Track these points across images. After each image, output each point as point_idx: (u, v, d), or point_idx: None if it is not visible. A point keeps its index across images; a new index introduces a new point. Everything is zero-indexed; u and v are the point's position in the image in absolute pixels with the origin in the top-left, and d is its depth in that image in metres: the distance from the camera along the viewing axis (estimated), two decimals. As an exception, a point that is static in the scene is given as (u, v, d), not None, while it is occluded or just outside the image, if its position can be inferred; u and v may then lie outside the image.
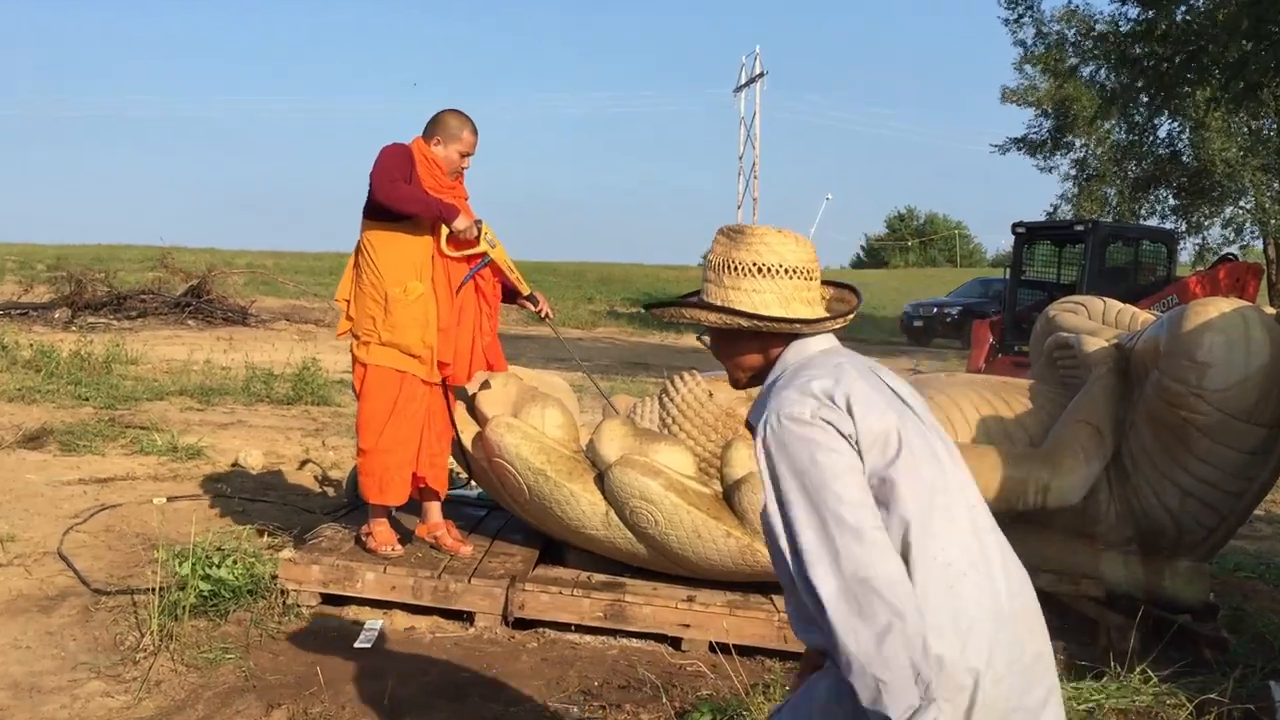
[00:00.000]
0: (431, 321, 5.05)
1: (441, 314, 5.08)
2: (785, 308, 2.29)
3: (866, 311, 35.33)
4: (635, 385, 14.68)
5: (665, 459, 4.83)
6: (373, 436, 5.05)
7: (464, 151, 5.17)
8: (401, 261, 5.04)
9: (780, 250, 2.30)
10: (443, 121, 5.15)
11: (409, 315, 5.02)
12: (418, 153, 5.09)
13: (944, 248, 70.05)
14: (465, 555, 5.20)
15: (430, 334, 5.05)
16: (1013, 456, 4.96)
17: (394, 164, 4.95)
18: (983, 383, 5.65)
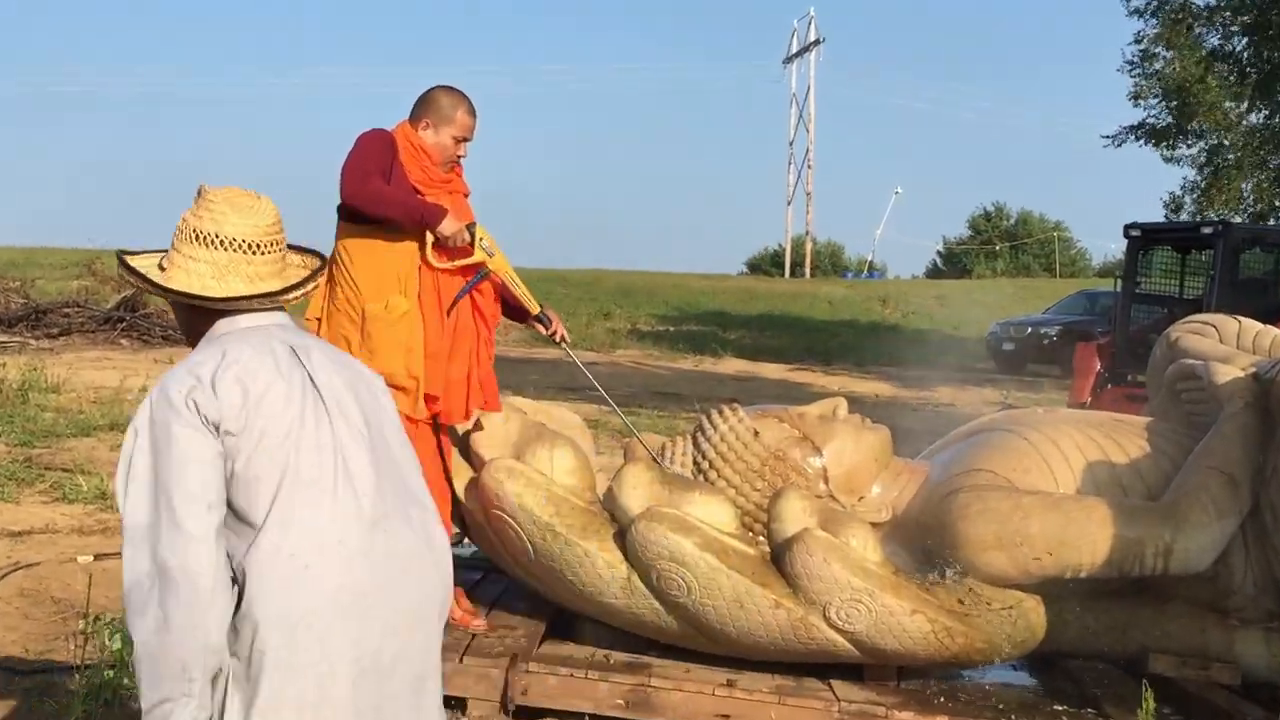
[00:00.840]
0: (417, 346, 5.06)
1: (430, 337, 5.09)
2: (220, 281, 2.60)
3: (945, 330, 35.30)
4: (663, 421, 14.68)
5: (700, 512, 4.83)
6: None
7: (459, 136, 5.19)
8: (382, 272, 5.06)
9: (221, 219, 2.60)
10: (432, 101, 5.17)
11: (390, 337, 5.03)
12: (402, 140, 5.10)
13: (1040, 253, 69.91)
14: (479, 630, 5.20)
15: (415, 361, 5.06)
16: (1126, 511, 4.94)
17: (370, 155, 4.96)
18: (1088, 420, 5.63)
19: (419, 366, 5.06)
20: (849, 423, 5.49)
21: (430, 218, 5.01)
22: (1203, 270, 15.83)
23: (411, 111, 5.21)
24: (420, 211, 4.99)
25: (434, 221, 5.02)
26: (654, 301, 39.38)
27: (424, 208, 5.00)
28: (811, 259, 63.82)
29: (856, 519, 4.99)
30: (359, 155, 4.95)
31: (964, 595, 4.85)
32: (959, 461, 5.39)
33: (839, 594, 4.65)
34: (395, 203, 4.94)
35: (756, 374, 25.04)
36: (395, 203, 4.94)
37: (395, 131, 5.14)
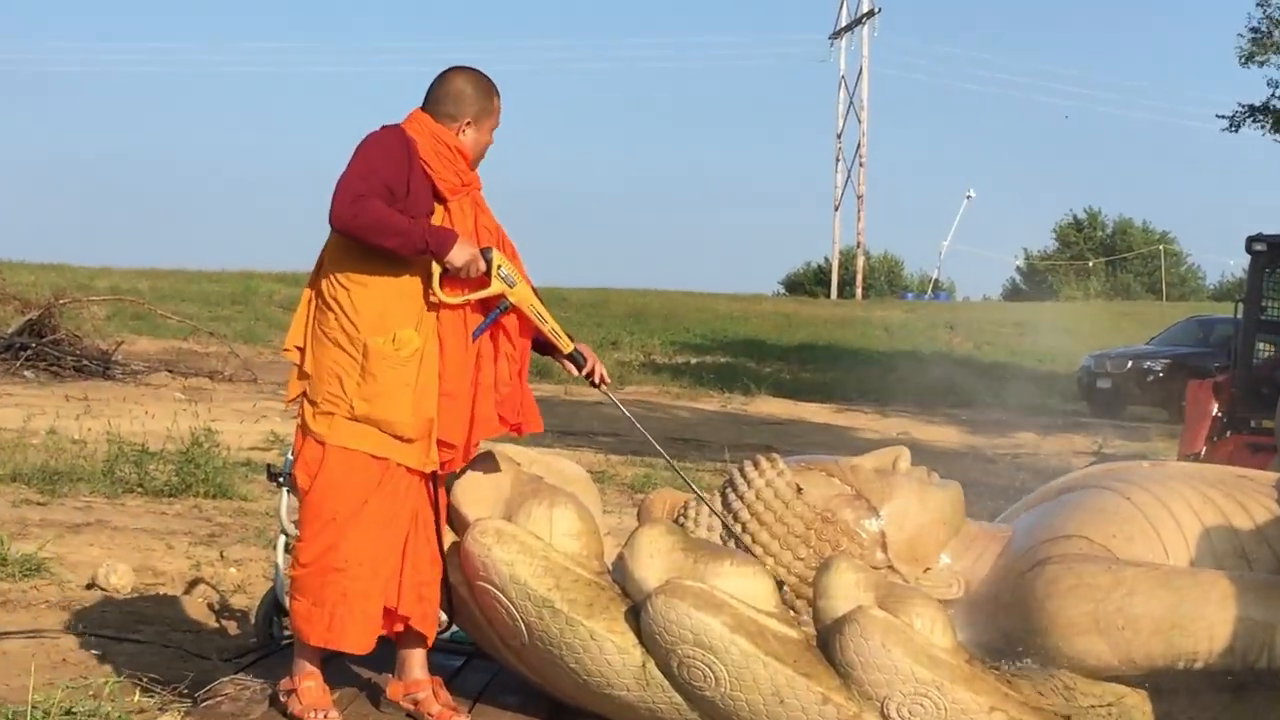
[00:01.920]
0: (430, 388, 5.04)
1: (449, 374, 5.08)
2: None
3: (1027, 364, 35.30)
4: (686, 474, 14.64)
5: (731, 585, 4.82)
6: (324, 548, 5.03)
7: (496, 125, 5.28)
8: (391, 299, 5.05)
9: None
10: (466, 93, 5.20)
11: (397, 378, 5.01)
12: (429, 140, 5.10)
13: (1143, 271, 69.93)
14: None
15: (428, 406, 5.04)
16: (1251, 587, 4.92)
17: (373, 168, 4.95)
18: (1204, 476, 5.62)
19: (431, 410, 5.04)
20: (912, 477, 5.48)
21: (438, 245, 4.97)
22: (1344, 294, 15.81)
23: (430, 103, 5.18)
24: (424, 239, 4.95)
25: (443, 249, 4.98)
26: (672, 327, 39.45)
27: (429, 233, 4.97)
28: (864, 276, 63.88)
29: (921, 595, 4.98)
30: (358, 168, 4.95)
31: (1053, 689, 4.84)
32: (1046, 526, 5.38)
33: (900, 687, 4.63)
34: (394, 229, 4.91)
35: (797, 417, 25.04)
36: (394, 229, 4.91)
37: (412, 129, 5.14)
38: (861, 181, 63.44)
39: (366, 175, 4.93)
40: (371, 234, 4.90)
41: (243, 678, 5.66)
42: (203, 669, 6.45)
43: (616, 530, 7.74)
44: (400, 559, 5.09)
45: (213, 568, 9.01)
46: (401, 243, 4.93)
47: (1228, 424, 15.06)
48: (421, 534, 5.15)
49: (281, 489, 6.61)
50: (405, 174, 5.00)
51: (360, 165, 4.95)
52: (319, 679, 5.22)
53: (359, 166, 4.95)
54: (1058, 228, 74.96)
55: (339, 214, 4.89)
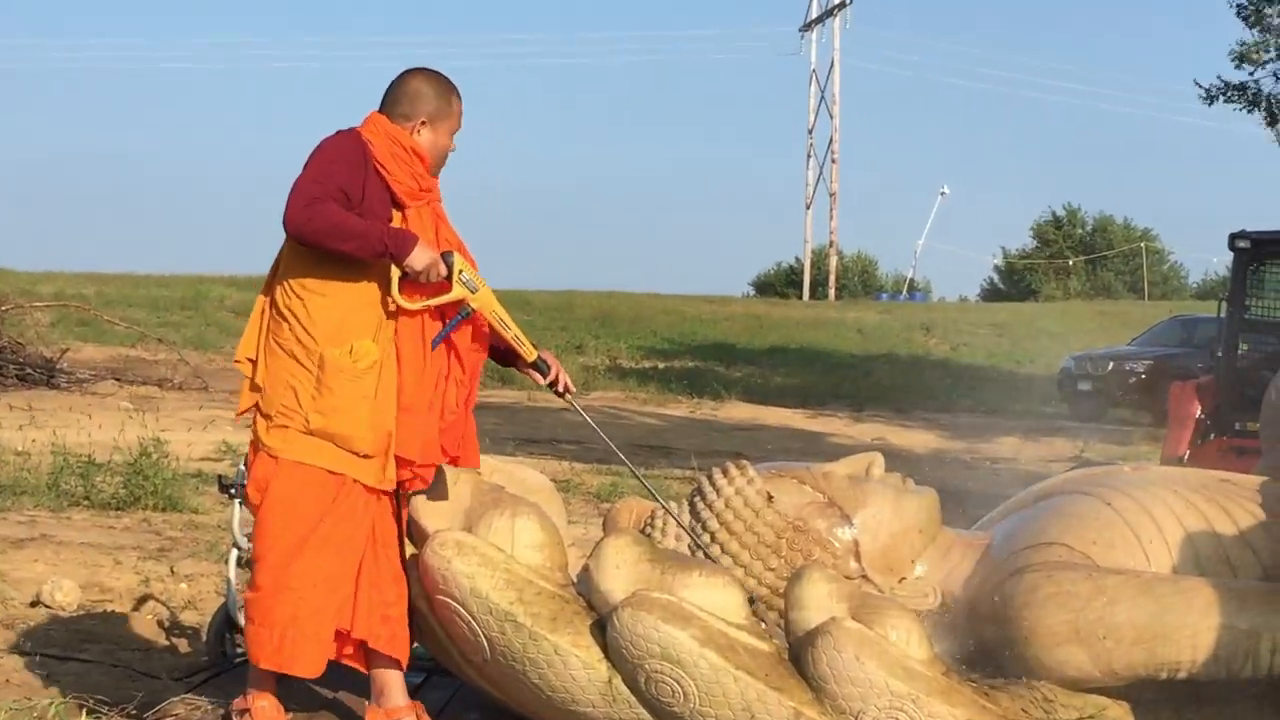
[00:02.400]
0: (388, 402, 5.04)
1: (408, 388, 5.07)
2: None
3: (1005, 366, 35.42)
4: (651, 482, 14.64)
5: (700, 597, 4.82)
6: (278, 567, 5.02)
7: (456, 129, 5.27)
8: (349, 309, 5.04)
9: None
10: (419, 93, 5.21)
11: (354, 391, 5.00)
12: (385, 142, 5.10)
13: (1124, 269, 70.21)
14: None
15: (386, 420, 5.03)
16: (1235, 594, 4.95)
17: (329, 172, 4.95)
18: (1187, 480, 5.64)
19: (390, 425, 5.04)
20: (886, 484, 5.50)
21: (397, 248, 4.96)
22: (1330, 292, 15.90)
23: (387, 104, 5.19)
24: (383, 241, 4.94)
25: (402, 252, 4.97)
26: (639, 330, 39.48)
27: (388, 236, 4.96)
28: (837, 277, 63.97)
29: (897, 605, 4.99)
30: (313, 172, 4.94)
31: (1032, 701, 4.85)
32: (1025, 533, 5.40)
33: (875, 701, 4.64)
34: (351, 233, 4.89)
35: (768, 422, 25.07)
36: (351, 233, 4.89)
37: (368, 131, 5.15)
38: (834, 178, 63.60)
39: (321, 179, 4.93)
40: (327, 238, 4.89)
41: (194, 697, 5.65)
42: (152, 689, 6.42)
43: (582, 541, 7.73)
44: (356, 580, 5.07)
45: (162, 583, 8.97)
46: (359, 246, 4.92)
47: (1212, 426, 15.13)
48: (381, 553, 5.13)
49: (233, 501, 6.60)
50: (361, 178, 5.00)
51: (314, 169, 4.95)
52: (273, 699, 5.21)
53: (313, 170, 4.95)
54: (1036, 225, 75.19)
55: (293, 218, 4.88)
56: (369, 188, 5.02)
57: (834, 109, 64.20)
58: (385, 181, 5.08)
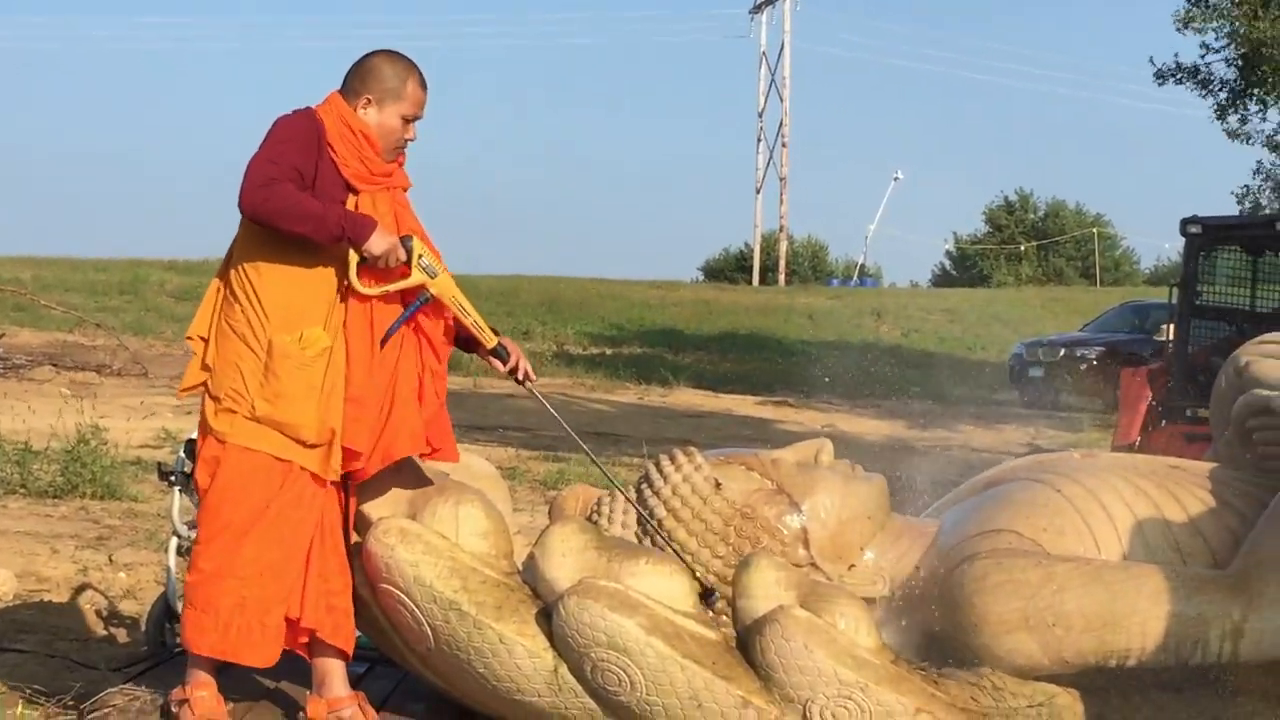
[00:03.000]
0: (336, 391, 5.01)
1: (356, 377, 5.04)
2: None
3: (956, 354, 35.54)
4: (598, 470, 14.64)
5: (647, 585, 4.83)
6: (221, 553, 5.00)
7: (409, 115, 5.19)
8: (299, 295, 5.03)
9: None
10: (372, 71, 5.17)
11: (302, 380, 4.99)
12: (335, 123, 5.09)
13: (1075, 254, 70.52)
14: None
15: (333, 410, 5.00)
16: (1184, 582, 4.98)
17: (284, 150, 4.94)
18: (1137, 467, 5.68)
19: (336, 417, 5.01)
20: (835, 471, 5.51)
21: (355, 231, 4.95)
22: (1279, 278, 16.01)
23: (344, 83, 5.18)
24: (340, 224, 4.93)
25: (360, 236, 4.95)
26: (586, 316, 39.42)
27: (345, 219, 4.95)
28: (787, 262, 64.03)
29: (845, 593, 5.01)
30: (269, 151, 4.93)
31: (981, 689, 4.88)
32: (975, 520, 5.42)
33: (823, 689, 4.66)
34: (307, 215, 4.88)
35: (717, 409, 25.10)
36: (307, 215, 4.88)
37: (323, 110, 5.13)
38: (784, 163, 63.66)
39: (275, 159, 4.92)
40: (282, 219, 4.88)
41: (132, 688, 5.62)
42: (90, 679, 6.39)
43: (527, 529, 7.73)
44: (304, 568, 5.06)
45: (101, 572, 8.93)
46: (315, 228, 4.91)
47: (1163, 413, 15.23)
48: (328, 541, 5.11)
49: (173, 489, 6.57)
50: (313, 159, 4.99)
51: (269, 149, 4.94)
52: (213, 688, 5.19)
53: (268, 150, 4.94)
54: (988, 210, 75.43)
55: (248, 199, 4.87)
56: (321, 169, 5.01)
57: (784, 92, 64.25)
58: (336, 164, 5.07)
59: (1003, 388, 29.33)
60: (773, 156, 64.64)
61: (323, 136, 5.04)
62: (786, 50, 64.35)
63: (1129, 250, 74.10)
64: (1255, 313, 15.77)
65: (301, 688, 5.34)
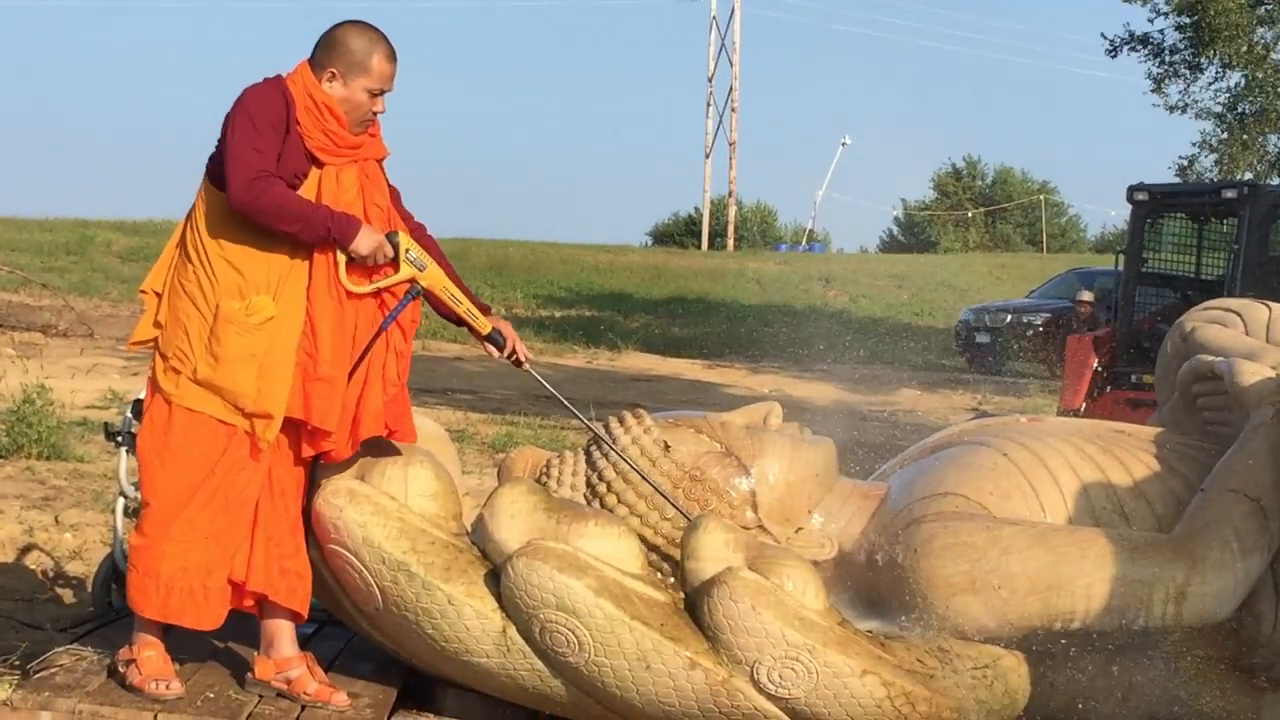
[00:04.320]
0: (281, 362, 4.98)
1: (325, 357, 5.01)
2: None
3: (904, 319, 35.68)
4: (547, 432, 14.69)
5: (595, 547, 4.84)
6: (164, 517, 4.98)
7: (375, 89, 5.13)
8: (251, 262, 5.00)
9: None
10: (337, 43, 5.12)
11: (242, 346, 4.96)
12: (301, 95, 5.06)
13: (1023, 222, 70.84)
14: (339, 706, 5.17)
15: (274, 382, 4.97)
16: (1129, 546, 5.02)
17: (262, 134, 4.92)
18: (1083, 431, 5.71)
19: (279, 390, 4.99)
20: (783, 434, 5.53)
21: (341, 233, 4.96)
22: (1224, 244, 16.10)
23: (312, 53, 5.14)
24: (327, 225, 4.94)
25: (346, 237, 4.97)
26: (535, 280, 39.38)
27: (332, 220, 4.95)
28: (735, 227, 63.99)
29: (793, 555, 5.03)
30: (247, 136, 4.90)
31: (927, 652, 4.91)
32: (922, 483, 5.45)
33: (770, 651, 4.68)
34: (295, 215, 4.91)
35: (665, 373, 25.15)
36: (295, 215, 4.91)
37: (291, 81, 5.09)
38: (733, 128, 63.52)
39: (259, 147, 4.90)
40: (271, 218, 4.90)
41: (79, 648, 5.60)
42: (36, 639, 6.37)
43: (476, 491, 7.73)
44: (250, 531, 5.04)
45: (47, 533, 8.90)
46: (302, 229, 4.93)
47: (1108, 379, 15.32)
48: (278, 503, 5.09)
49: (120, 449, 6.54)
50: (280, 135, 4.97)
51: (247, 134, 4.90)
52: (160, 648, 5.17)
53: (246, 136, 4.90)
54: (936, 177, 75.63)
55: (237, 196, 4.86)
56: (287, 143, 4.99)
57: (734, 57, 64.11)
58: (300, 136, 5.05)
59: (950, 353, 29.47)
60: (722, 121, 64.51)
61: (292, 110, 5.02)
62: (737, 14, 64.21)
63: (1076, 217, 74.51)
64: (1200, 279, 15.87)
65: (250, 647, 5.33)
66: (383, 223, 5.18)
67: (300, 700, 5.11)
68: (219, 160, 4.97)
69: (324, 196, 5.05)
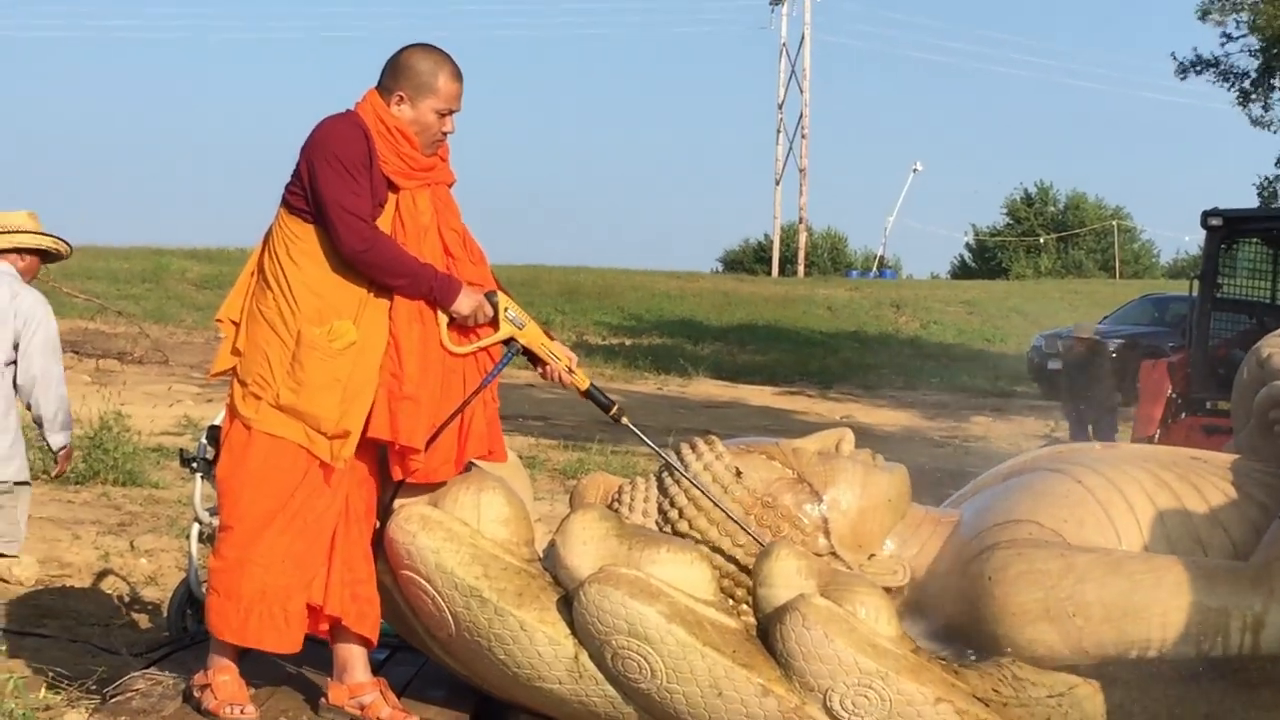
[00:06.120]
0: (364, 385, 5.02)
1: (411, 376, 5.05)
2: None
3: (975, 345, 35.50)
4: (618, 459, 14.68)
5: (667, 573, 4.83)
6: (244, 541, 5.01)
7: (443, 109, 5.18)
8: (330, 288, 5.05)
9: None
10: (405, 67, 5.18)
11: (326, 372, 5.00)
12: (374, 122, 5.11)
13: (1095, 248, 70.33)
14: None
15: (356, 405, 5.01)
16: (1205, 574, 4.97)
17: (351, 171, 4.99)
18: (1158, 458, 5.66)
19: (359, 412, 5.03)
20: (856, 461, 5.50)
21: (443, 294, 5.05)
22: (1303, 270, 15.98)
23: (380, 79, 5.20)
24: (430, 284, 5.03)
25: (447, 298, 5.06)
26: (606, 307, 39.43)
27: (435, 280, 5.04)
28: (806, 254, 63.93)
29: (866, 582, 5.01)
30: (343, 183, 4.97)
31: (1002, 680, 4.87)
32: (995, 510, 5.41)
33: (844, 678, 4.66)
34: (403, 272, 5.01)
35: (736, 399, 25.10)
36: (403, 272, 5.01)
37: (362, 110, 5.16)
38: (804, 154, 63.48)
39: (358, 191, 4.98)
40: (380, 272, 5.01)
41: (154, 672, 5.64)
42: (112, 664, 6.42)
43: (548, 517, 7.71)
44: (328, 555, 5.07)
45: (122, 558, 8.96)
46: (407, 285, 5.03)
47: (1183, 405, 15.20)
48: (353, 529, 5.12)
49: (195, 475, 6.59)
50: (370, 171, 5.04)
51: (344, 182, 4.98)
52: (235, 673, 5.20)
53: (344, 183, 4.98)
54: (1008, 202, 75.10)
55: (350, 248, 4.96)
56: (373, 170, 5.05)
57: (804, 83, 64.12)
58: (379, 163, 5.09)
59: (1022, 380, 29.27)
60: (792, 147, 64.51)
61: (371, 144, 5.06)
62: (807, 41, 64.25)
63: (1148, 243, 73.80)
64: (1276, 305, 15.75)
65: (323, 673, 5.35)
66: (459, 245, 5.24)
67: None
68: (297, 191, 5.02)
69: (403, 221, 5.10)
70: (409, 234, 5.11)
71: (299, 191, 5.05)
